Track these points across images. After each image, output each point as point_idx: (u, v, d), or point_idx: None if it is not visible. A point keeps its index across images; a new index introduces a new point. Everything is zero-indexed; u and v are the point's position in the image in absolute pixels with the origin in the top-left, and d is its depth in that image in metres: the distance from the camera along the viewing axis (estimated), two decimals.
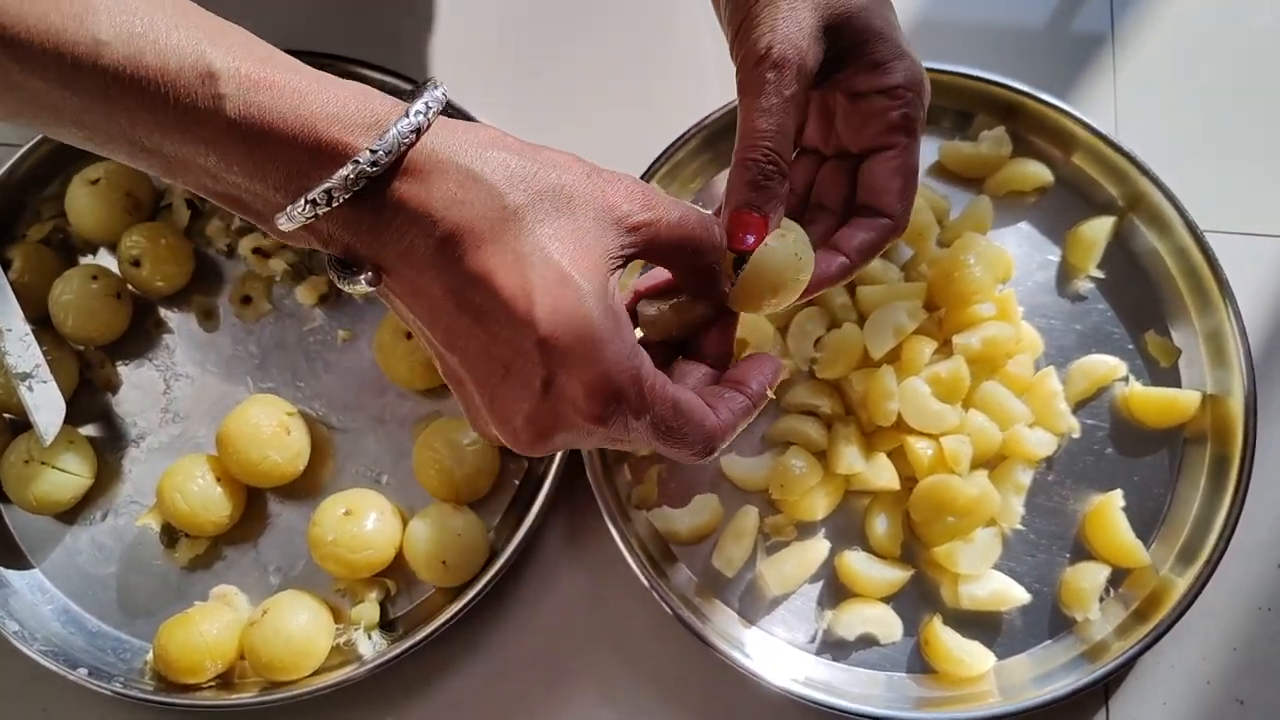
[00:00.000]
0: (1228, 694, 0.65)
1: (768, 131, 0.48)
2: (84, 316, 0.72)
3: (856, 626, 0.64)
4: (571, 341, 0.39)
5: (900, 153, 0.52)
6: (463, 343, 0.41)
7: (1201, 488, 0.67)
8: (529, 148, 0.41)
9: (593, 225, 0.41)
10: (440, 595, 0.68)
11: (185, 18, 0.37)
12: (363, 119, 0.38)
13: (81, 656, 0.67)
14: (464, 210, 0.39)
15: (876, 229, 0.53)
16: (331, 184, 0.37)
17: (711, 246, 0.44)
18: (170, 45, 0.36)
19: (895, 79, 0.51)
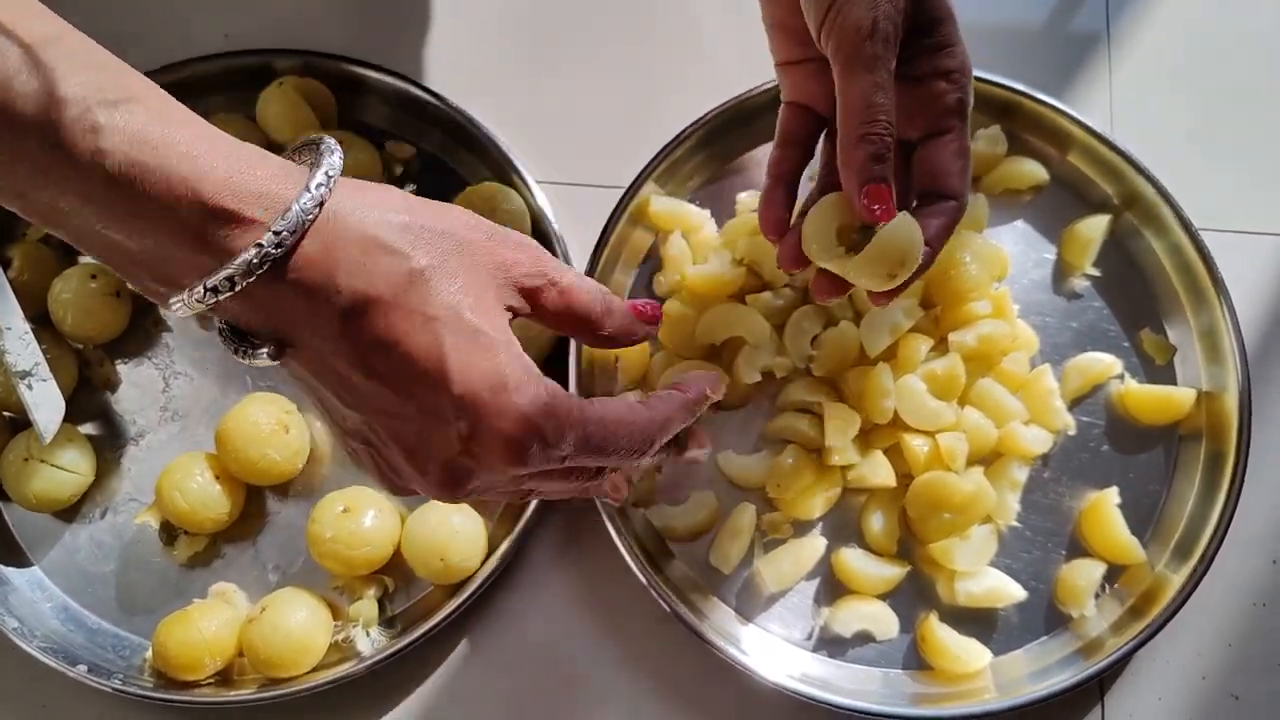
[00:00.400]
0: (1223, 689, 0.65)
1: (885, 105, 0.49)
2: (83, 315, 0.72)
3: (853, 623, 0.65)
4: (488, 395, 0.39)
5: (958, 135, 0.53)
6: (375, 405, 0.41)
7: (1197, 484, 0.67)
8: (428, 207, 0.42)
9: (490, 280, 0.41)
10: (438, 592, 0.68)
11: (81, 58, 0.36)
12: (259, 187, 0.37)
13: (81, 653, 0.67)
14: (369, 278, 0.38)
15: (948, 212, 0.53)
16: (233, 270, 0.36)
17: (599, 316, 0.46)
18: (59, 92, 0.34)
19: (956, 62, 0.53)
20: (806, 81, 0.57)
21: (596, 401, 0.44)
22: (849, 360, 0.68)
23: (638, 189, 0.71)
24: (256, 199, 0.36)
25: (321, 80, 0.76)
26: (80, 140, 0.34)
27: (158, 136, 0.35)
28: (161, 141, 0.35)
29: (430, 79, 0.78)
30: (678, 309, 0.69)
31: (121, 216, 0.36)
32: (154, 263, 0.38)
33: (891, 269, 0.50)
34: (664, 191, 0.73)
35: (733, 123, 0.74)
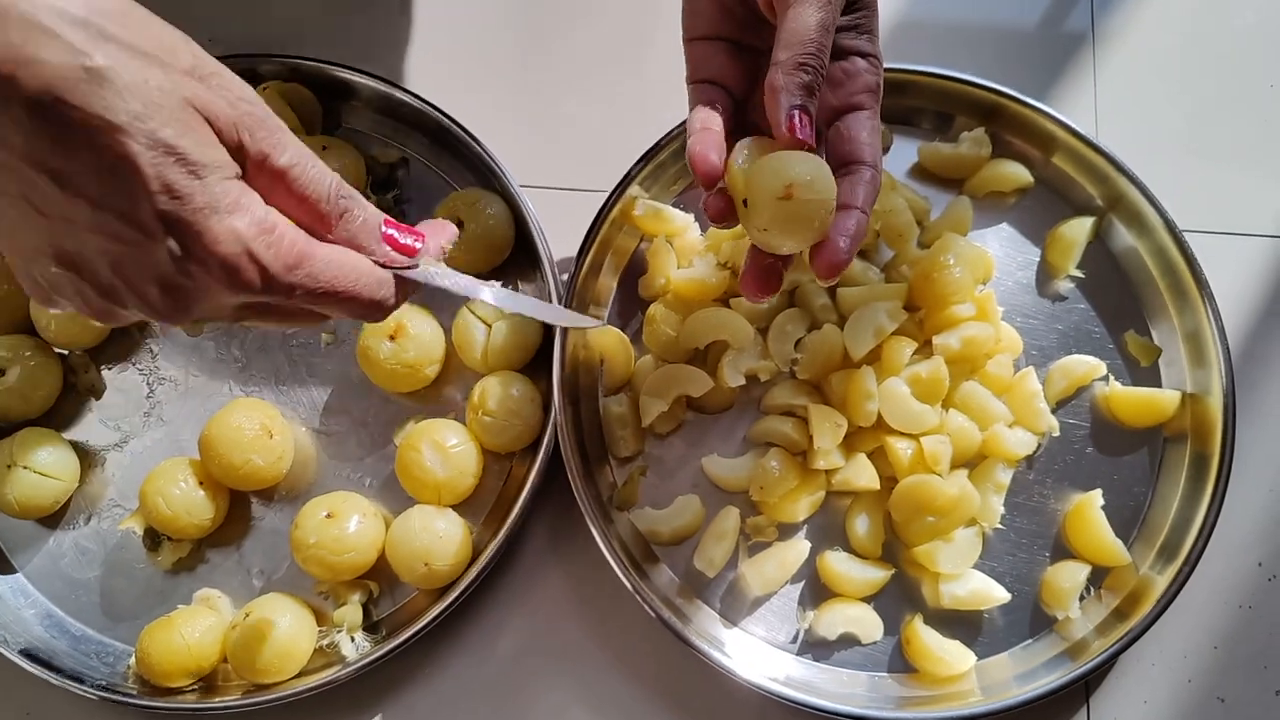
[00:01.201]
0: (1209, 692, 0.65)
1: (823, 44, 0.49)
2: (67, 321, 0.72)
3: (838, 626, 0.65)
4: (198, 216, 0.38)
5: (874, 114, 0.54)
6: (68, 215, 0.38)
7: (1181, 486, 0.67)
8: (123, 10, 0.38)
9: (189, 109, 0.39)
10: (423, 597, 0.68)
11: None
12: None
13: (64, 660, 0.67)
14: (41, 70, 0.35)
15: (870, 179, 0.53)
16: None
17: (325, 210, 0.44)
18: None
19: (874, 47, 0.54)
20: (715, 58, 0.56)
21: (327, 246, 0.43)
22: (833, 363, 0.68)
23: (622, 193, 0.71)
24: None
25: (306, 85, 0.76)
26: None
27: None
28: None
29: (414, 84, 0.78)
30: (663, 313, 0.69)
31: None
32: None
33: (788, 189, 0.48)
34: (648, 196, 0.73)
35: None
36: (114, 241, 0.39)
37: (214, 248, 0.39)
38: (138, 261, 0.39)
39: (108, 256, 0.39)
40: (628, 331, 0.71)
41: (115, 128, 0.36)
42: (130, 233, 0.38)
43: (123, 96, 0.36)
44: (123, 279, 0.40)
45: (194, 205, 0.38)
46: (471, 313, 0.70)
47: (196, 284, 0.40)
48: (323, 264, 0.43)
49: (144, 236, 0.38)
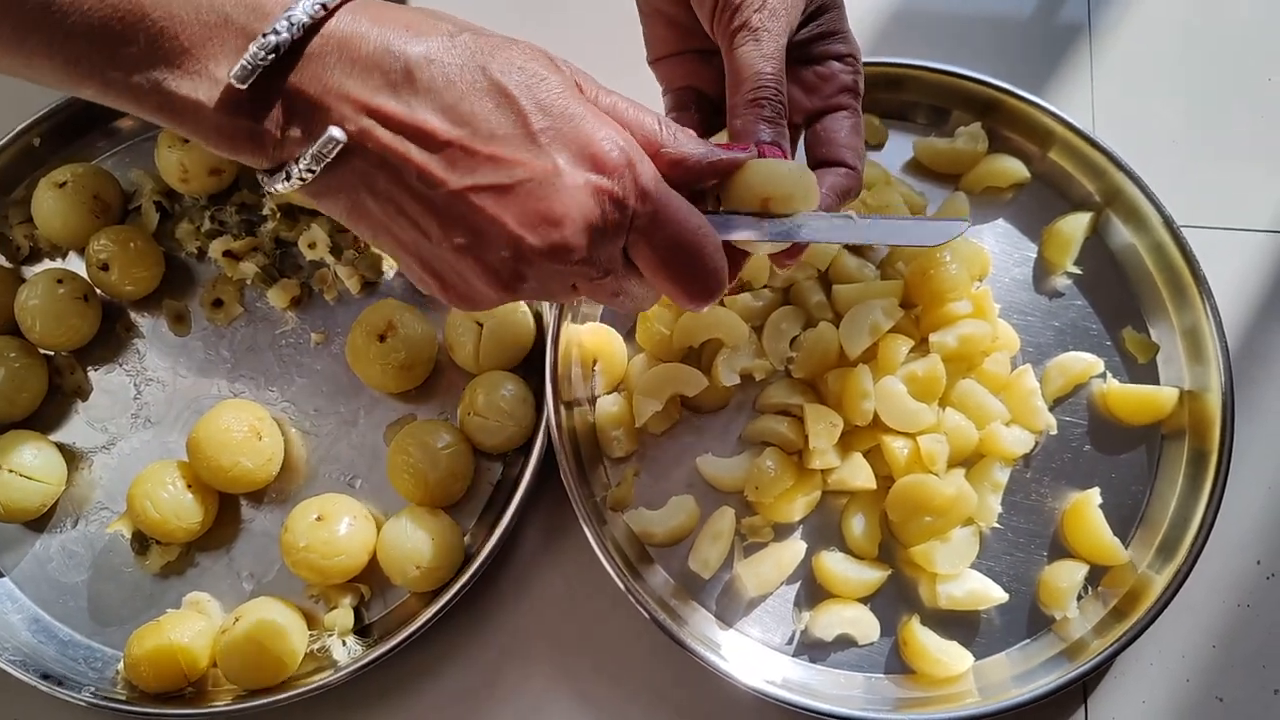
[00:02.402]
0: (1207, 692, 0.65)
1: (775, 74, 0.49)
2: (52, 321, 0.71)
3: (834, 627, 0.64)
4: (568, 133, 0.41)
5: (853, 114, 0.54)
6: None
7: (1180, 484, 0.66)
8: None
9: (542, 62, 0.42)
10: (415, 600, 0.67)
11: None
12: None
13: (52, 666, 0.66)
14: (407, 39, 0.40)
15: (844, 175, 0.53)
16: (277, 28, 0.37)
17: (656, 133, 0.45)
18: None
19: (848, 48, 0.54)
20: (684, 68, 0.57)
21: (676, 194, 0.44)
22: (828, 362, 0.67)
23: None
24: None
25: None
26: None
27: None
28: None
29: None
30: (656, 312, 0.68)
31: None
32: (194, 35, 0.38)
33: (764, 202, 0.47)
34: None
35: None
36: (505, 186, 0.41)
37: (594, 144, 0.41)
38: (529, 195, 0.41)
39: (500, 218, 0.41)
40: (621, 330, 0.71)
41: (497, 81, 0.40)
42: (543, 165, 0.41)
43: (502, 56, 0.41)
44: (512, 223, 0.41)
45: (570, 113, 0.41)
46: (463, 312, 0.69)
47: (568, 196, 0.41)
48: (676, 201, 0.43)
49: (533, 152, 0.40)
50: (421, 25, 0.41)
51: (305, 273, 0.75)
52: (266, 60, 0.38)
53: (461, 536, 0.66)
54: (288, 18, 0.38)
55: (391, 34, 0.39)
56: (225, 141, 0.40)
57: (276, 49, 0.38)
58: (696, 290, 0.45)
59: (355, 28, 0.39)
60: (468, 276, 0.43)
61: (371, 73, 0.39)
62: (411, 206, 0.41)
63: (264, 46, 0.38)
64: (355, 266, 0.73)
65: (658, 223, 0.43)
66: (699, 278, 0.45)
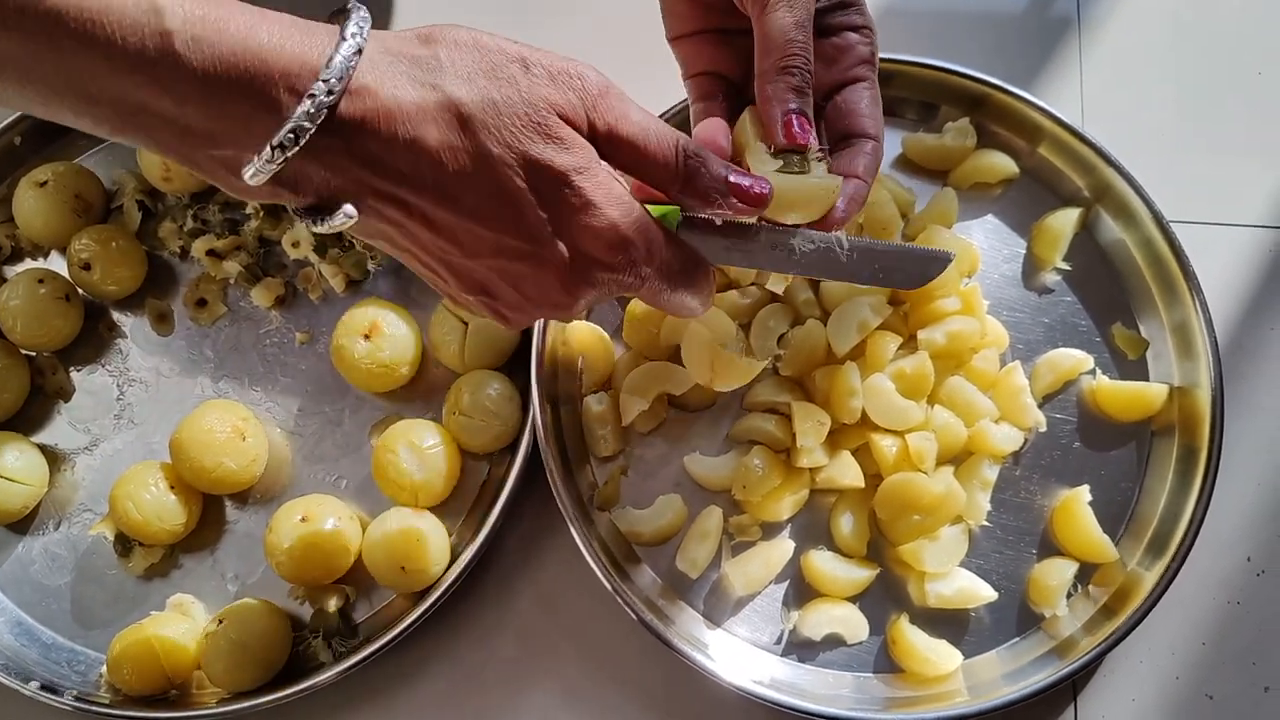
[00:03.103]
0: (1197, 689, 0.64)
1: (804, 42, 0.50)
2: (33, 322, 0.70)
3: (823, 626, 0.64)
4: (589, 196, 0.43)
5: (872, 85, 0.54)
6: (489, 230, 0.43)
7: (1169, 481, 0.66)
8: (456, 48, 0.43)
9: (534, 111, 0.43)
10: (401, 600, 0.67)
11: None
12: (303, 48, 0.39)
13: (35, 669, 0.66)
14: (419, 123, 0.40)
15: (872, 151, 0.53)
16: (295, 121, 0.38)
17: (664, 161, 0.46)
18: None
19: (864, 19, 0.54)
20: (705, 50, 0.56)
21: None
22: (816, 359, 0.66)
23: None
24: (302, 59, 0.38)
25: None
26: (146, 24, 0.36)
27: (212, 14, 0.37)
28: (218, 17, 0.37)
29: None
30: (643, 309, 0.68)
31: (195, 95, 0.37)
32: (220, 136, 0.39)
33: (798, 209, 0.49)
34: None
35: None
36: (513, 259, 0.44)
37: (598, 236, 0.44)
38: (536, 272, 0.45)
39: (508, 277, 0.45)
40: (608, 328, 0.70)
41: (490, 155, 0.41)
42: (524, 245, 0.43)
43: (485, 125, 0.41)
44: (527, 290, 0.46)
45: (573, 202, 0.43)
46: (448, 310, 0.69)
47: (587, 273, 0.45)
48: (676, 263, 0.48)
49: (535, 246, 0.43)
50: (428, 88, 0.41)
51: (289, 271, 0.74)
52: (276, 164, 0.39)
53: (447, 537, 0.66)
54: (292, 130, 0.38)
55: (401, 112, 0.40)
56: (247, 195, 0.42)
57: (285, 152, 0.38)
58: (689, 311, 0.51)
59: (365, 109, 0.39)
60: (476, 309, 0.49)
61: (387, 157, 0.40)
62: (426, 259, 0.45)
63: (270, 159, 0.38)
64: (340, 265, 0.73)
65: (659, 277, 0.47)
66: (692, 304, 0.50)
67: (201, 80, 0.37)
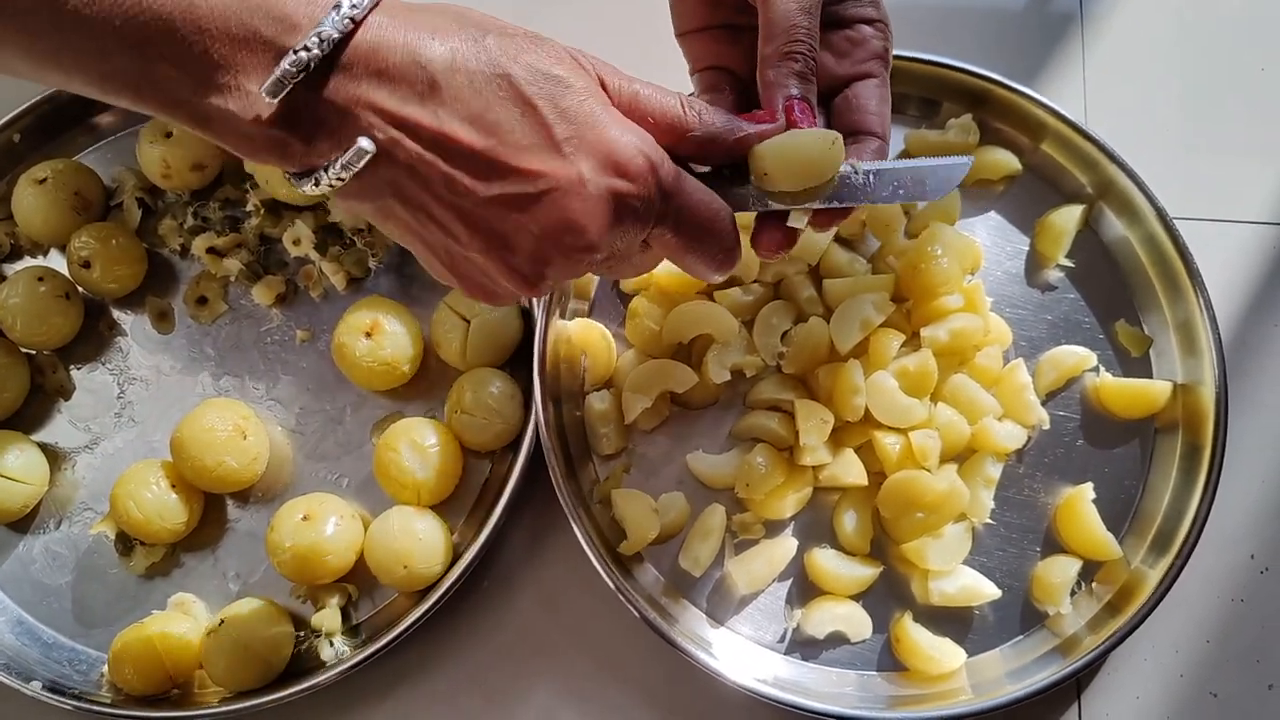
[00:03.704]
0: (1201, 687, 0.64)
1: (810, 28, 0.49)
2: (33, 320, 0.70)
3: (826, 625, 0.63)
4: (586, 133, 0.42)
5: (882, 82, 0.54)
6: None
7: (1173, 478, 0.66)
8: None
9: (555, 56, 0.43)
10: (403, 599, 0.66)
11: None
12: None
13: (36, 669, 0.66)
14: (434, 49, 0.41)
15: (877, 150, 0.53)
16: (311, 37, 0.38)
17: (678, 116, 0.46)
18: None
19: (879, 13, 0.54)
20: (713, 46, 0.56)
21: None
22: (819, 357, 0.66)
23: None
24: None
25: None
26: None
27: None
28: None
29: None
30: (645, 307, 0.68)
31: (203, 20, 0.38)
32: (233, 62, 0.38)
33: (800, 173, 0.49)
34: None
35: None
36: (536, 185, 0.42)
37: (616, 151, 0.43)
38: (560, 203, 0.43)
39: (528, 215, 0.43)
40: (610, 326, 0.70)
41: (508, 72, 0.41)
42: (546, 164, 0.42)
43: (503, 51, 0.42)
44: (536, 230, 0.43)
45: (593, 120, 0.43)
46: (450, 308, 0.68)
47: (596, 206, 0.43)
48: (695, 194, 0.46)
49: (559, 162, 0.42)
50: (447, 29, 0.41)
51: (290, 269, 0.74)
52: (298, 76, 0.38)
53: (450, 535, 0.66)
54: (318, 34, 0.38)
55: (417, 41, 0.40)
56: (256, 149, 0.41)
57: (308, 65, 0.38)
58: (715, 264, 0.49)
59: (382, 37, 0.40)
60: (493, 275, 0.46)
61: (399, 83, 0.40)
62: (440, 212, 0.43)
63: (295, 63, 0.38)
64: (340, 263, 0.73)
65: (681, 217, 0.46)
66: (719, 255, 0.49)
67: (220, 7, 0.37)
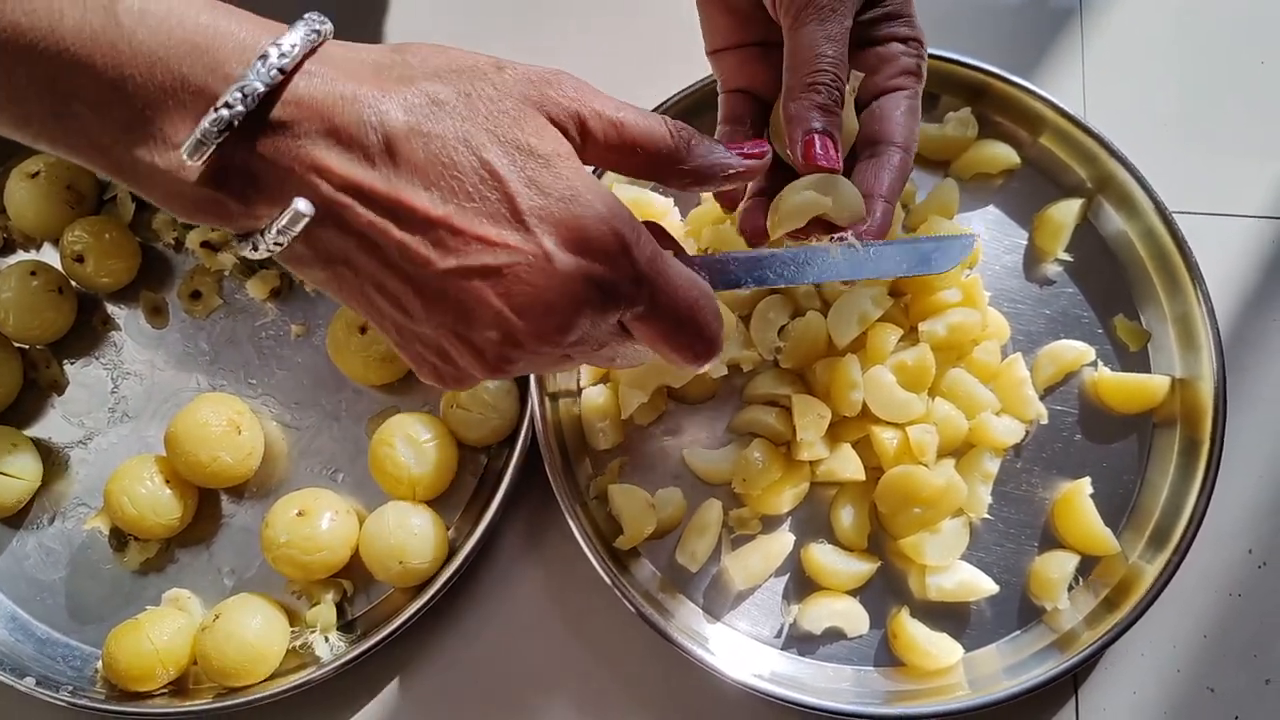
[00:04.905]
0: (1198, 682, 0.64)
1: (833, 57, 0.48)
2: (26, 314, 0.70)
3: (823, 620, 0.63)
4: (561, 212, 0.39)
5: (911, 96, 0.52)
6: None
7: (1171, 473, 0.65)
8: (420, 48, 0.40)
9: (522, 100, 0.40)
10: (399, 595, 0.66)
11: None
12: (262, 29, 0.37)
13: (30, 665, 0.66)
14: (383, 106, 0.37)
15: (899, 164, 0.51)
16: (243, 84, 0.35)
17: (672, 146, 0.43)
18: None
19: (914, 32, 0.53)
20: (744, 66, 0.55)
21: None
22: (817, 351, 0.66)
23: (600, 176, 0.69)
24: (257, 36, 0.36)
25: None
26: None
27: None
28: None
29: None
30: None
31: (126, 63, 0.35)
32: (158, 108, 0.35)
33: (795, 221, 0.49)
34: (627, 179, 0.71)
35: (698, 108, 0.72)
36: (498, 256, 0.39)
37: (587, 228, 0.39)
38: (526, 278, 0.39)
39: (491, 287, 0.39)
40: None
41: (468, 136, 0.38)
42: (508, 236, 0.38)
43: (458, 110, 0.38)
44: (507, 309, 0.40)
45: (561, 191, 0.39)
46: None
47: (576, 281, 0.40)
48: (673, 278, 0.42)
49: (523, 235, 0.38)
50: (398, 83, 0.38)
51: None
52: (220, 136, 0.35)
53: (445, 530, 0.65)
54: (241, 88, 0.35)
55: (366, 96, 0.37)
56: (187, 209, 0.38)
57: (230, 124, 0.35)
58: (695, 356, 0.45)
59: (327, 90, 0.37)
60: (452, 356, 0.42)
61: (347, 144, 0.37)
62: (393, 284, 0.39)
63: (216, 122, 0.35)
64: None
65: (655, 302, 0.42)
66: (698, 347, 0.45)
67: (146, 49, 0.34)
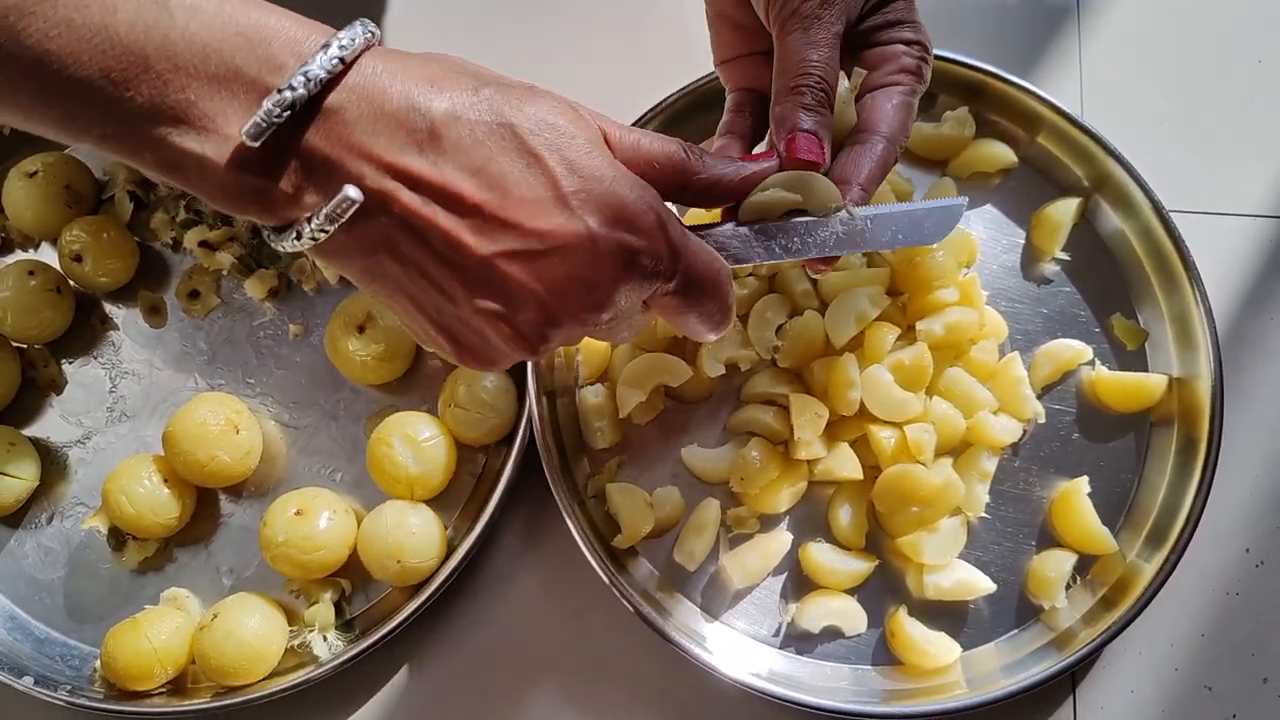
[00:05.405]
0: (1196, 681, 0.64)
1: (820, 62, 0.49)
2: (24, 314, 0.70)
3: (821, 619, 0.63)
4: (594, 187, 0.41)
5: (908, 92, 0.52)
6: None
7: (1168, 472, 0.66)
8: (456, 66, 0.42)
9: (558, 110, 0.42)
10: (397, 594, 0.66)
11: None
12: (310, 28, 0.38)
13: (28, 664, 0.66)
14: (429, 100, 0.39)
15: (882, 153, 0.51)
16: (297, 75, 0.36)
17: (682, 161, 0.46)
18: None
19: (917, 35, 0.53)
20: (749, 70, 0.56)
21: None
22: (814, 351, 0.66)
23: None
24: (308, 33, 0.38)
25: None
26: None
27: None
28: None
29: None
30: None
31: (178, 55, 0.36)
32: (208, 101, 0.36)
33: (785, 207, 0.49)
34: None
35: (695, 108, 0.72)
36: (541, 240, 0.40)
37: (627, 206, 0.41)
38: (567, 259, 0.41)
39: (532, 270, 0.41)
40: None
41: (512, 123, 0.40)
42: (552, 219, 0.40)
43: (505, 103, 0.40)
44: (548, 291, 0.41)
45: (600, 174, 0.41)
46: None
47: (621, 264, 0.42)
48: (700, 254, 0.45)
49: (565, 216, 0.40)
50: (444, 78, 0.40)
51: (283, 263, 0.74)
52: (282, 118, 0.36)
53: (443, 529, 0.65)
54: (304, 73, 0.36)
55: (415, 88, 0.38)
56: (232, 199, 0.38)
57: (293, 106, 0.36)
58: (713, 325, 0.48)
59: (376, 81, 0.38)
60: (489, 338, 0.43)
61: (396, 130, 0.38)
62: (436, 270, 0.41)
63: (279, 103, 0.36)
64: None
65: (687, 276, 0.45)
66: (716, 314, 0.48)
67: (199, 41, 0.35)
